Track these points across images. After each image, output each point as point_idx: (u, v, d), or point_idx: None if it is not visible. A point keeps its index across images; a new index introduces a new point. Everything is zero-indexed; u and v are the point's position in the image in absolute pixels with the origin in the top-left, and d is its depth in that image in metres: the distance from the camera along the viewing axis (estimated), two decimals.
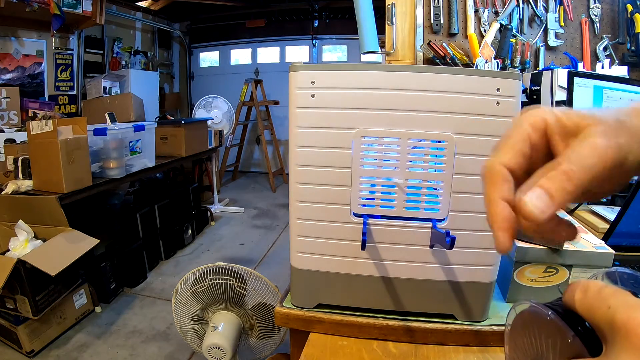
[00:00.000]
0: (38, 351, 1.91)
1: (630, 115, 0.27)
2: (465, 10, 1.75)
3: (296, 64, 0.61)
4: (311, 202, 0.65)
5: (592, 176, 0.24)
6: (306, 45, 5.73)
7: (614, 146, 0.24)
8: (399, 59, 1.77)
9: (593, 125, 0.25)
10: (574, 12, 1.77)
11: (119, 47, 4.53)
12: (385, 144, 0.61)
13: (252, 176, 5.89)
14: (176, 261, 3.01)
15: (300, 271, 0.69)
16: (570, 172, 0.23)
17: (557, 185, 0.23)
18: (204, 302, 1.44)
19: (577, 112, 0.27)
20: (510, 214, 0.25)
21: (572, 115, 0.26)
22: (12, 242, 1.94)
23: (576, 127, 0.26)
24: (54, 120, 1.99)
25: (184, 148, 3.22)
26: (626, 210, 0.92)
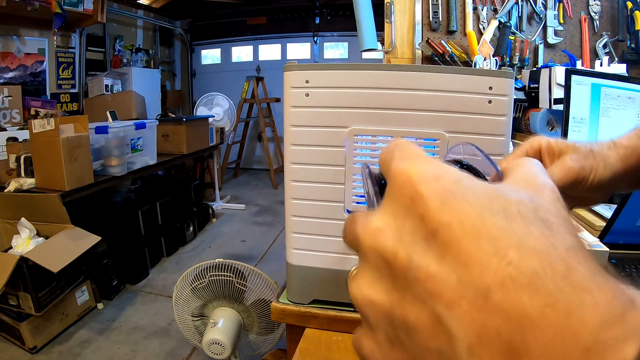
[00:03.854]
0: (41, 347, 1.93)
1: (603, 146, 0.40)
2: (464, 7, 1.75)
3: (290, 64, 0.62)
4: (306, 199, 0.66)
5: (559, 185, 0.29)
6: (307, 42, 5.73)
7: (578, 167, 0.37)
8: (398, 56, 1.78)
9: (569, 152, 0.38)
10: (573, 9, 1.77)
11: (120, 45, 4.54)
12: (378, 142, 0.62)
13: (253, 173, 5.90)
14: (177, 258, 3.02)
15: (295, 267, 0.70)
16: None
17: None
18: (205, 299, 1.45)
19: (564, 141, 0.39)
20: None
21: (559, 143, 0.39)
22: (15, 240, 1.96)
23: (560, 152, 0.39)
24: (55, 119, 2.00)
25: (185, 145, 3.23)
26: (623, 208, 0.92)
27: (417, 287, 0.15)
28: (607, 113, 1.18)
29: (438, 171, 0.17)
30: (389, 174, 0.18)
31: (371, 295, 0.17)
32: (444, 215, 0.16)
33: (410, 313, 0.16)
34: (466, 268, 0.15)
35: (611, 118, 1.18)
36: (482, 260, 0.14)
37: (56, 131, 1.96)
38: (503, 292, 0.14)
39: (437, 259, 0.15)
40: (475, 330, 0.14)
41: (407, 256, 0.16)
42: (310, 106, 0.62)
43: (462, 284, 0.14)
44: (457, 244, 0.15)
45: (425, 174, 0.17)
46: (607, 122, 1.18)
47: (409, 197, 0.17)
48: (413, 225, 0.16)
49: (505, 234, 0.15)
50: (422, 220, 0.16)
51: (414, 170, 0.17)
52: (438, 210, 0.16)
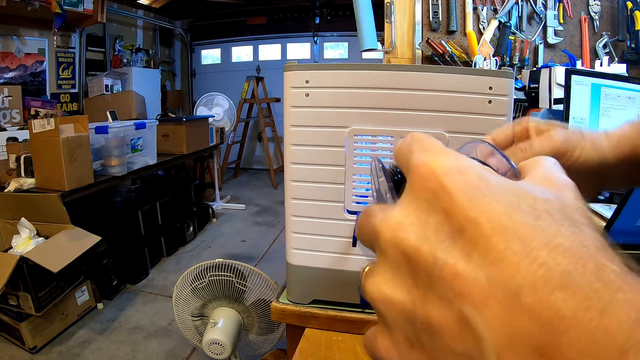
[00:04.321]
0: (41, 347, 1.93)
1: (595, 133, 0.40)
2: (464, 7, 1.75)
3: (290, 64, 0.62)
4: (306, 199, 0.66)
5: (539, 154, 0.32)
6: (307, 42, 5.73)
7: (562, 138, 0.37)
8: (398, 56, 1.78)
9: (556, 127, 0.38)
10: (573, 9, 1.77)
11: (120, 45, 4.54)
12: (379, 143, 0.62)
13: (253, 173, 5.90)
14: (177, 258, 3.02)
15: (295, 267, 0.70)
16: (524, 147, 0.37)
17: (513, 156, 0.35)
18: (204, 299, 1.45)
19: (553, 122, 0.39)
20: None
21: (548, 122, 0.39)
22: (15, 240, 1.96)
23: (547, 129, 0.38)
24: (55, 119, 2.00)
25: (185, 145, 3.23)
26: (622, 208, 0.92)
27: (443, 286, 0.15)
28: (607, 113, 1.18)
29: (462, 165, 0.16)
30: (409, 168, 0.18)
31: (390, 293, 0.17)
32: (471, 211, 0.15)
33: (434, 313, 0.15)
34: (496, 267, 0.14)
35: (611, 118, 1.18)
36: (513, 259, 0.14)
37: (56, 131, 1.96)
38: (535, 293, 0.13)
39: (465, 257, 0.15)
40: (505, 333, 0.13)
41: (431, 253, 0.15)
42: (310, 106, 0.62)
43: (492, 284, 0.14)
44: (485, 241, 0.14)
45: (449, 167, 0.16)
46: (607, 122, 1.18)
47: (433, 191, 0.16)
48: (437, 221, 0.16)
49: (535, 233, 0.14)
50: (448, 215, 0.15)
51: (437, 163, 0.17)
52: (464, 205, 0.15)
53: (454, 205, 0.15)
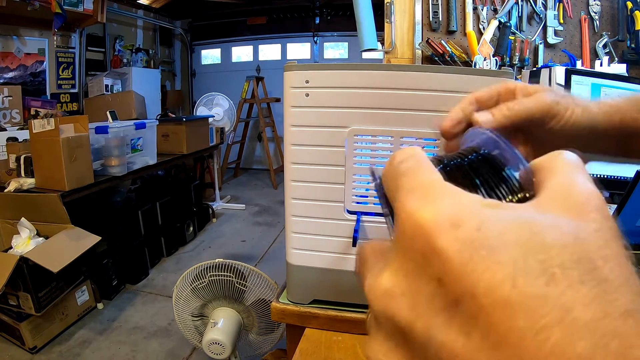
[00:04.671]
0: (41, 347, 1.93)
1: (587, 100, 0.37)
2: (464, 7, 1.75)
3: (290, 64, 0.62)
4: (306, 199, 0.66)
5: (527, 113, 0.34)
6: (307, 42, 5.73)
7: (551, 99, 0.35)
8: (398, 56, 1.78)
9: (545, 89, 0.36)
10: (573, 9, 1.77)
11: (120, 45, 4.54)
12: (379, 143, 0.62)
13: (253, 173, 5.90)
14: (177, 258, 3.02)
15: (295, 267, 0.70)
16: (511, 105, 0.34)
17: (499, 111, 0.34)
18: (204, 299, 1.45)
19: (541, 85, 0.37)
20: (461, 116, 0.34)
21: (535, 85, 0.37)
22: (15, 240, 1.96)
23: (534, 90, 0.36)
24: (55, 119, 2.00)
25: (185, 145, 3.23)
26: (622, 209, 0.92)
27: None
28: None
29: (456, 214, 0.14)
30: (396, 210, 0.16)
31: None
32: (467, 280, 0.13)
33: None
34: (498, 350, 0.12)
35: None
36: (518, 341, 0.12)
37: (56, 131, 1.96)
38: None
39: (463, 336, 0.13)
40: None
41: (426, 330, 0.14)
42: (310, 106, 0.62)
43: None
44: (485, 318, 0.12)
45: (440, 220, 0.14)
46: None
47: (422, 253, 0.14)
48: (430, 291, 0.14)
49: (545, 305, 0.12)
50: (441, 284, 0.13)
51: (426, 214, 0.14)
52: (459, 272, 0.13)
53: (446, 272, 0.13)
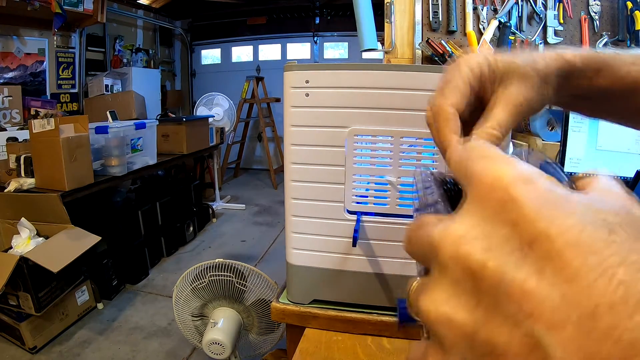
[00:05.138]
0: (41, 347, 1.93)
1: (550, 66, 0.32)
2: (464, 7, 1.75)
3: (290, 64, 0.62)
4: (306, 199, 0.66)
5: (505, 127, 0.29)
6: (307, 42, 5.73)
7: (525, 105, 0.30)
8: (398, 56, 1.78)
9: (514, 79, 0.30)
10: (573, 9, 1.77)
11: (120, 45, 4.54)
12: (379, 143, 0.62)
13: (253, 173, 5.90)
14: (177, 258, 3.02)
15: (295, 267, 0.70)
16: (502, 121, 0.29)
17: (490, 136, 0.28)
18: (204, 299, 1.45)
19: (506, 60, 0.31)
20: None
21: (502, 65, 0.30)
22: (15, 240, 1.96)
23: (502, 77, 0.30)
24: (55, 119, 2.00)
25: (185, 145, 3.23)
26: None
27: (510, 305, 0.14)
28: None
29: (529, 175, 0.15)
30: (471, 176, 0.17)
31: (450, 312, 0.15)
32: (542, 224, 0.14)
33: (499, 335, 0.14)
34: (570, 285, 0.13)
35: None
36: (589, 277, 0.13)
37: (56, 131, 1.96)
38: (614, 315, 0.12)
39: (536, 274, 0.13)
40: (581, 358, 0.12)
41: (498, 268, 0.14)
42: (310, 106, 0.62)
43: (567, 304, 0.13)
44: (559, 257, 0.13)
45: (516, 176, 0.15)
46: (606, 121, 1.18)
47: (500, 201, 0.15)
48: (505, 234, 0.14)
49: (610, 249, 0.13)
50: (516, 228, 0.14)
51: (504, 171, 0.16)
52: (535, 217, 0.14)
53: (523, 216, 0.14)
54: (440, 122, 0.28)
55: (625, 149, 1.17)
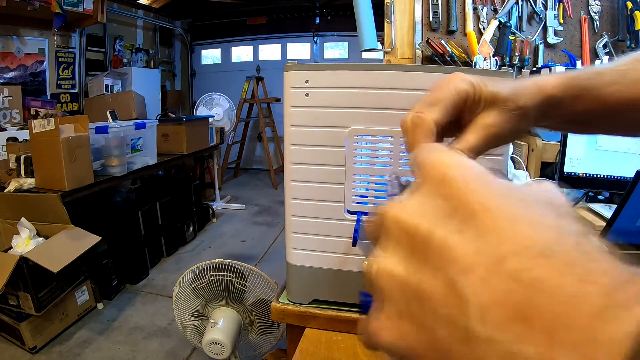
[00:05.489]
0: (41, 347, 1.93)
1: (527, 96, 0.36)
2: (464, 7, 1.75)
3: (290, 64, 0.62)
4: (306, 199, 0.66)
5: (474, 148, 0.33)
6: (307, 42, 5.73)
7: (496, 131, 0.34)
8: (398, 56, 1.78)
9: (493, 107, 0.34)
10: (573, 9, 1.77)
11: (120, 45, 4.54)
12: (379, 143, 0.62)
13: (253, 173, 5.90)
14: (177, 258, 3.02)
15: (295, 267, 0.70)
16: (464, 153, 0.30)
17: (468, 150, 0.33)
18: (204, 299, 1.45)
19: (486, 88, 0.34)
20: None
21: (483, 93, 0.33)
22: (15, 240, 1.96)
23: (486, 103, 0.34)
24: (55, 119, 2.00)
25: (185, 145, 3.23)
26: (622, 209, 0.92)
27: (435, 257, 0.16)
28: None
29: (462, 162, 0.19)
30: (421, 163, 0.20)
31: (389, 266, 0.18)
32: (467, 196, 0.17)
33: (424, 280, 0.16)
34: (483, 238, 0.15)
35: None
36: (499, 232, 0.15)
37: (56, 131, 1.96)
38: (518, 260, 0.14)
39: (457, 232, 0.16)
40: (489, 295, 0.14)
41: (428, 229, 0.17)
42: (310, 106, 0.62)
43: (479, 252, 0.15)
44: (476, 219, 0.16)
45: (452, 162, 0.19)
46: None
47: (437, 179, 0.18)
48: (437, 204, 0.18)
49: (521, 214, 0.16)
50: (447, 199, 0.17)
51: (443, 158, 0.19)
52: (462, 190, 0.17)
53: (452, 190, 0.17)
54: (419, 132, 0.31)
55: (625, 149, 1.17)
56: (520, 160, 1.40)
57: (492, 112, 0.34)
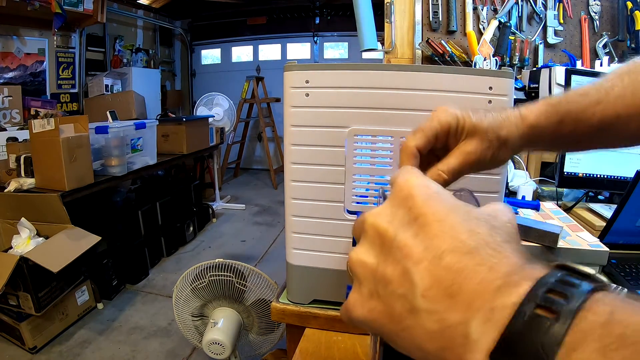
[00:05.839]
0: (41, 347, 1.93)
1: (510, 123, 0.42)
2: (464, 7, 1.75)
3: (290, 64, 0.62)
4: (306, 199, 0.66)
5: (455, 171, 0.39)
6: (307, 42, 5.73)
7: (475, 157, 0.40)
8: (398, 56, 1.78)
9: (472, 136, 0.40)
10: (573, 9, 1.77)
11: (120, 45, 4.54)
12: (379, 143, 0.62)
13: (253, 173, 5.90)
14: (177, 258, 3.02)
15: (295, 267, 0.70)
16: (444, 174, 0.39)
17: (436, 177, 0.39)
18: (204, 299, 1.45)
19: (470, 121, 0.40)
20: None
21: (465, 124, 0.40)
22: (15, 240, 1.96)
23: (467, 133, 0.40)
24: (55, 119, 2.00)
25: (185, 145, 3.23)
26: (622, 209, 0.92)
27: (397, 253, 0.22)
28: None
29: (427, 183, 0.25)
30: (395, 181, 0.26)
31: (364, 258, 0.24)
32: (424, 209, 0.23)
33: (388, 269, 0.23)
34: (431, 241, 0.21)
35: None
36: (442, 236, 0.21)
37: (56, 131, 1.96)
38: (451, 256, 0.21)
39: (413, 235, 0.22)
40: (429, 279, 0.21)
41: (394, 232, 0.23)
42: (310, 106, 0.62)
43: (426, 250, 0.21)
44: (428, 226, 0.22)
45: (418, 183, 0.24)
46: None
47: (404, 195, 0.24)
48: (402, 213, 0.23)
49: (461, 225, 0.22)
50: (409, 210, 0.23)
51: (411, 180, 0.25)
52: (421, 205, 0.23)
53: (414, 204, 0.23)
54: (403, 155, 0.38)
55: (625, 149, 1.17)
56: (520, 161, 1.40)
57: (473, 141, 0.40)
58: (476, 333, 0.19)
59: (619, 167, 1.18)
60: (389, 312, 0.22)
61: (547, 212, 0.97)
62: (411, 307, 0.21)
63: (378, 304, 0.23)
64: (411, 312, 0.21)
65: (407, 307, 0.21)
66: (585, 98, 0.44)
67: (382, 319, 0.23)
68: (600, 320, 0.16)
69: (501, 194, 0.63)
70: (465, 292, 0.19)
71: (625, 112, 0.43)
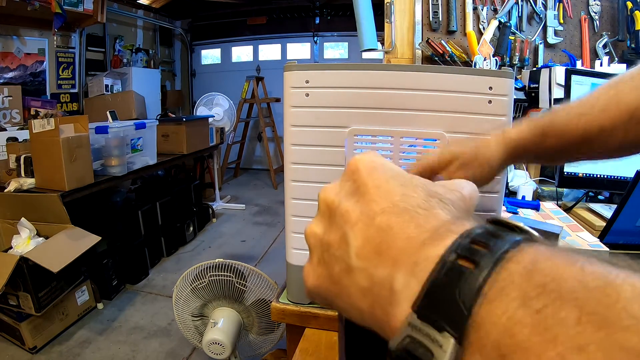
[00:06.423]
0: (41, 347, 1.93)
1: (491, 144, 0.51)
2: (464, 7, 1.75)
3: (290, 64, 0.62)
4: (306, 199, 0.66)
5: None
6: (307, 42, 5.73)
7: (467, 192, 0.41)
8: (398, 56, 1.78)
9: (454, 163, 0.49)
10: (573, 9, 1.77)
11: (120, 45, 4.54)
12: (379, 143, 0.62)
13: (253, 173, 5.90)
14: (177, 258, 3.02)
15: (295, 267, 0.70)
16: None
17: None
18: (204, 299, 1.45)
19: (454, 152, 0.49)
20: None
21: (459, 158, 0.48)
22: (15, 240, 1.96)
23: (461, 164, 0.48)
24: (55, 119, 2.00)
25: (185, 145, 3.23)
26: (622, 209, 0.92)
27: (339, 220, 0.23)
28: None
29: (374, 158, 0.25)
30: (348, 160, 0.27)
31: (315, 228, 0.26)
32: (366, 179, 0.24)
33: (331, 236, 0.24)
34: (367, 205, 0.23)
35: None
36: (377, 200, 0.22)
37: (56, 131, 1.96)
38: (382, 217, 0.21)
39: (354, 203, 0.23)
40: (362, 239, 0.22)
41: (339, 202, 0.24)
42: (310, 106, 0.62)
43: (362, 213, 0.22)
44: (367, 194, 0.23)
45: (366, 159, 0.25)
46: None
47: (352, 170, 0.25)
48: (348, 186, 0.25)
49: (397, 190, 0.23)
50: (355, 182, 0.24)
51: (361, 157, 0.26)
52: (364, 176, 0.24)
53: (359, 177, 0.24)
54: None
55: None
56: None
57: (468, 169, 0.47)
58: (400, 286, 0.19)
59: (619, 167, 1.18)
60: (330, 274, 0.23)
61: (547, 212, 0.97)
62: (347, 267, 0.22)
63: (323, 270, 0.24)
64: (347, 272, 0.22)
65: (343, 267, 0.22)
66: (569, 111, 0.48)
67: (326, 284, 0.24)
68: (521, 270, 0.17)
69: (501, 194, 0.63)
70: (392, 248, 0.20)
71: (609, 123, 0.46)
